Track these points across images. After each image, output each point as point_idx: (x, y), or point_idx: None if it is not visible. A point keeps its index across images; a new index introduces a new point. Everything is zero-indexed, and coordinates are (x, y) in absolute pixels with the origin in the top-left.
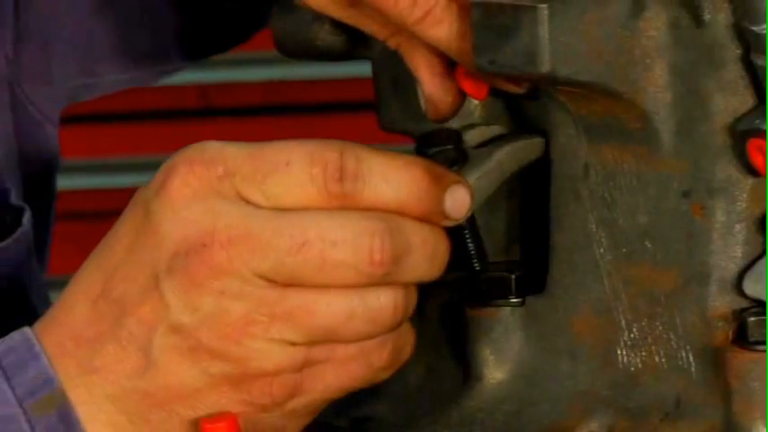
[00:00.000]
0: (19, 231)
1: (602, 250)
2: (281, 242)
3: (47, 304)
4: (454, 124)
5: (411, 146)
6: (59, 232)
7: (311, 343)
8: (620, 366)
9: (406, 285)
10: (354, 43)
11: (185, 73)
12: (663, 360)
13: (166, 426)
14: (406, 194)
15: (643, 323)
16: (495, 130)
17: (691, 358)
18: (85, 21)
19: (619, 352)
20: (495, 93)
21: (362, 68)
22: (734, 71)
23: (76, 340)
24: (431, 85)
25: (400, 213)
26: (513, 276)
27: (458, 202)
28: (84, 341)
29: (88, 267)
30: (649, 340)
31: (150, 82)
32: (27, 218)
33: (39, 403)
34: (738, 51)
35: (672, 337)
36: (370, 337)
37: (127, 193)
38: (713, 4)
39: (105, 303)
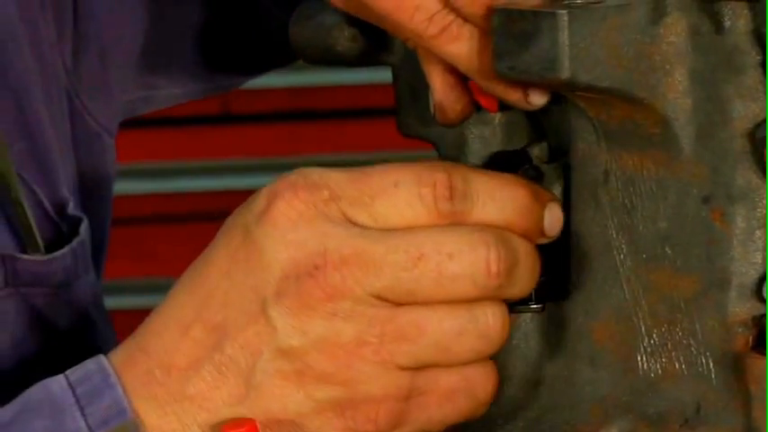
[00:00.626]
0: (76, 241)
1: (622, 256)
2: (396, 258)
3: (103, 314)
4: (475, 130)
5: (429, 151)
6: None
7: (421, 365)
8: (640, 372)
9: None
10: (374, 49)
11: None
12: (683, 366)
13: None
14: (510, 212)
15: (663, 329)
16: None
17: (711, 364)
18: (142, 34)
19: (639, 358)
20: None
21: (382, 74)
22: (754, 77)
23: (167, 368)
24: (442, 92)
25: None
26: None
27: (554, 219)
28: (175, 369)
29: (177, 294)
30: (669, 346)
31: (202, 96)
32: (84, 227)
33: (111, 431)
34: (758, 57)
35: (692, 343)
36: (480, 356)
37: (145, 199)
38: (733, 10)
39: (202, 330)
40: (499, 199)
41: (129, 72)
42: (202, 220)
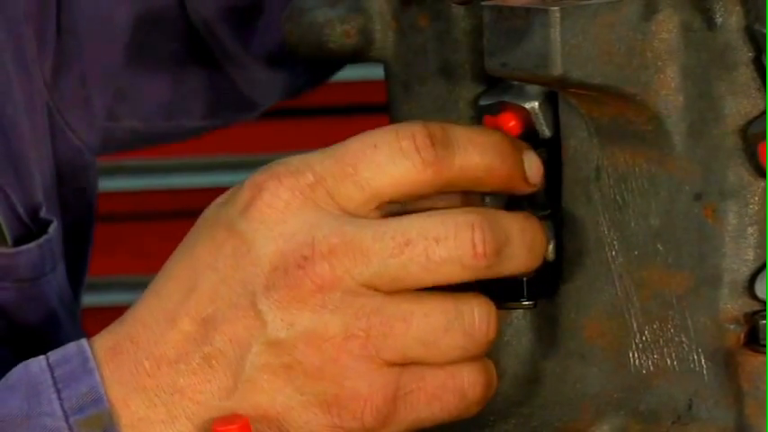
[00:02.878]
0: (44, 238)
1: (613, 253)
2: (383, 245)
3: (71, 315)
4: None
5: None
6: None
7: (408, 361)
8: (632, 369)
9: (493, 303)
10: (367, 45)
11: None
12: (675, 363)
13: None
14: (492, 156)
15: (655, 326)
16: None
17: (702, 361)
18: (117, 62)
19: (630, 355)
20: None
21: (375, 71)
22: (746, 74)
23: (156, 360)
24: None
25: (489, 177)
26: (525, 279)
27: (534, 164)
28: (165, 361)
29: (163, 286)
30: (661, 343)
31: (172, 139)
32: (54, 228)
33: (86, 420)
34: (750, 54)
35: (684, 339)
36: (467, 353)
37: (133, 196)
38: (725, 6)
39: (190, 323)
40: (479, 143)
41: (107, 93)
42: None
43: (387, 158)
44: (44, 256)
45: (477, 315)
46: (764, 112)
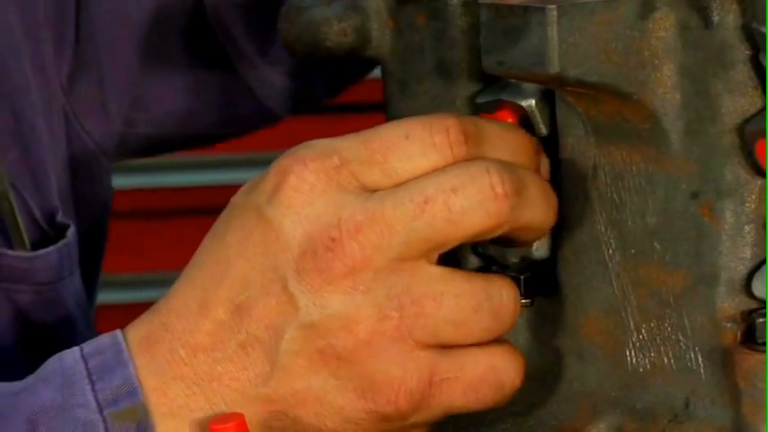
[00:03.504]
0: (62, 242)
1: (610, 251)
2: (404, 209)
3: (87, 319)
4: None
5: None
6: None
7: (438, 343)
8: (629, 367)
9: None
10: (363, 44)
11: None
12: (671, 361)
13: None
14: (520, 154)
15: (652, 324)
16: None
17: (699, 359)
18: (135, 66)
19: (627, 353)
20: None
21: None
22: (743, 72)
23: (192, 349)
24: None
25: None
26: (523, 277)
27: (545, 162)
28: (201, 349)
29: (194, 275)
30: (658, 341)
31: (188, 146)
32: (71, 232)
33: (120, 413)
34: (747, 52)
35: (680, 338)
36: (492, 335)
37: (137, 194)
38: (722, 5)
39: (224, 311)
40: (508, 140)
41: (124, 99)
42: (195, 215)
43: (419, 151)
44: (62, 260)
45: (505, 296)
46: (761, 111)
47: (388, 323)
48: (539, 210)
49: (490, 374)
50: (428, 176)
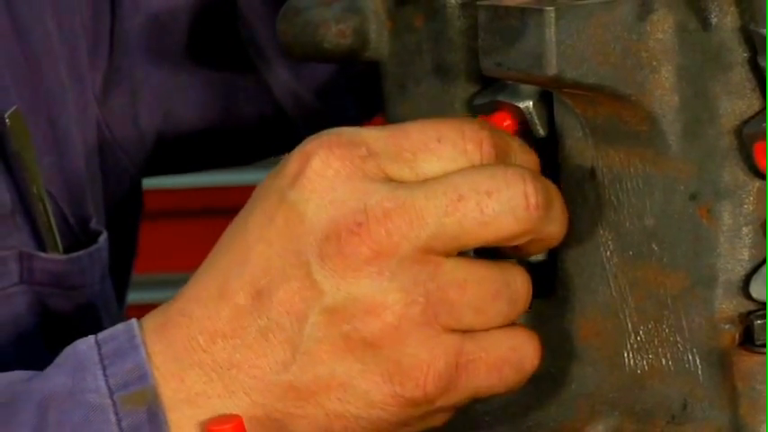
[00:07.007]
0: (94, 247)
1: (608, 253)
2: (437, 203)
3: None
4: None
5: None
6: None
7: (460, 328)
8: (627, 369)
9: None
10: (361, 45)
11: None
12: (669, 363)
13: (309, 419)
14: (537, 169)
15: (650, 326)
16: None
17: (697, 361)
18: (167, 80)
19: (625, 354)
20: None
21: None
22: (740, 74)
23: (211, 335)
24: None
25: None
26: None
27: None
28: (220, 336)
29: (215, 261)
30: (656, 343)
31: (217, 166)
32: (103, 238)
33: (130, 396)
34: (745, 54)
35: (678, 339)
36: (506, 320)
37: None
38: (720, 6)
39: (245, 296)
40: (530, 157)
41: (156, 113)
42: (208, 215)
43: (449, 156)
44: (93, 264)
45: (519, 282)
46: (759, 112)
47: (415, 308)
48: (559, 226)
49: (511, 355)
50: (461, 173)
